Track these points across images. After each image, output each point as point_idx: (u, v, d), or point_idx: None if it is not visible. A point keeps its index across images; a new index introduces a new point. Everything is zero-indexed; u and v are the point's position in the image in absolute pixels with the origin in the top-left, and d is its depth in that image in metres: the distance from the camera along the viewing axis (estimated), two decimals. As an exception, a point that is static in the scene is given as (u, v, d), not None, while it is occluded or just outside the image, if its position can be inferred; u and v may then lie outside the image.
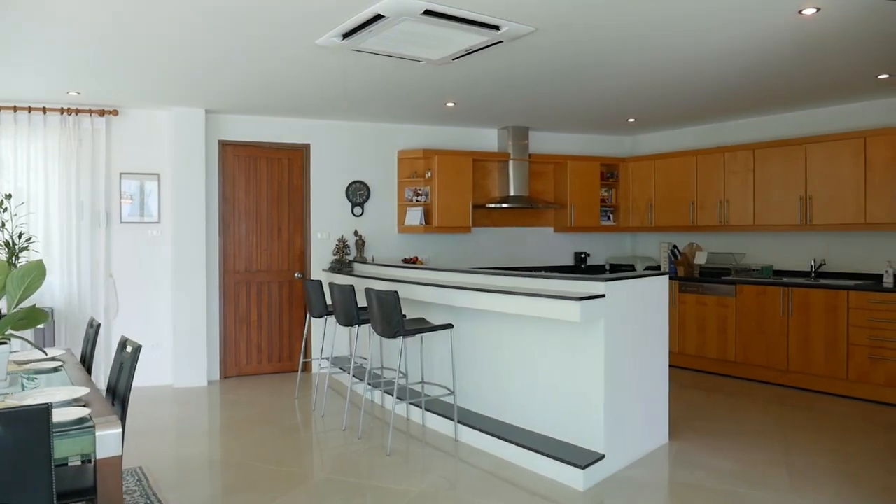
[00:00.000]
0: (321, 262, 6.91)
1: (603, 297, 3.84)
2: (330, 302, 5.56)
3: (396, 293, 4.38)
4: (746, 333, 6.40)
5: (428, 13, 3.43)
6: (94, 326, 3.59)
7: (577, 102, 6.14)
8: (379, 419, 5.16)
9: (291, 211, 6.90)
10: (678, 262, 7.37)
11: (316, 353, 6.74)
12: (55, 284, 5.93)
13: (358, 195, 7.09)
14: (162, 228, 6.38)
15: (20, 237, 5.51)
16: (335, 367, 6.35)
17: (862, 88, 5.58)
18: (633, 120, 7.18)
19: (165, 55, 4.46)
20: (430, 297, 4.87)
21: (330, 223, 6.97)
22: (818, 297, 5.86)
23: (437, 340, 5.18)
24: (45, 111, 5.85)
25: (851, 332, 5.63)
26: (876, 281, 5.88)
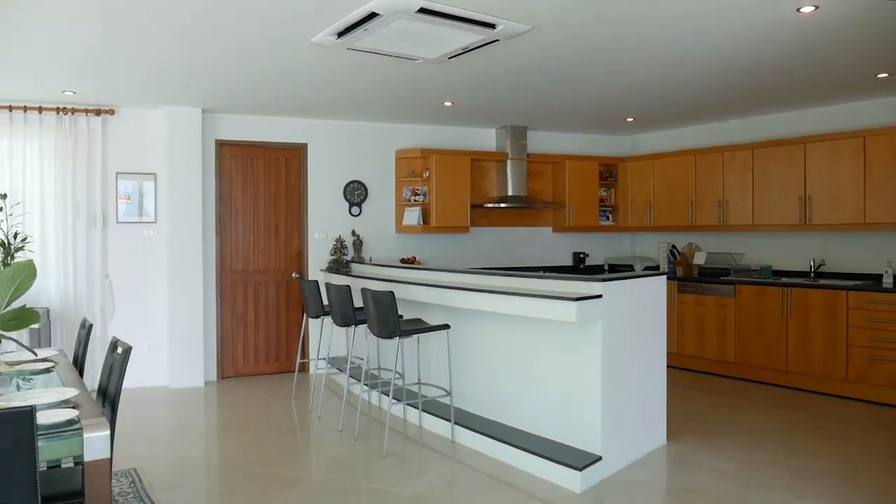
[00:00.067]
0: (319, 262, 6.89)
1: (600, 297, 3.81)
2: (327, 302, 5.53)
3: (392, 293, 4.35)
4: (745, 334, 6.37)
5: (423, 11, 3.41)
6: (86, 327, 3.56)
7: (575, 102, 6.12)
8: (376, 420, 5.13)
9: (289, 211, 6.88)
10: (677, 262, 7.34)
11: (313, 353, 6.71)
12: (51, 285, 5.90)
13: (355, 195, 7.06)
14: (158, 228, 6.35)
15: (16, 237, 5.50)
16: (332, 367, 6.32)
17: (861, 87, 5.55)
18: (631, 119, 7.15)
19: (161, 55, 4.44)
20: (426, 297, 4.84)
21: (327, 223, 6.94)
22: (817, 297, 5.83)
23: (434, 341, 5.15)
24: (40, 111, 5.83)
25: (851, 332, 5.59)
26: (875, 281, 5.85)
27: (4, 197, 5.40)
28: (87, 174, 6.03)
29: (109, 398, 2.74)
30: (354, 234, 6.91)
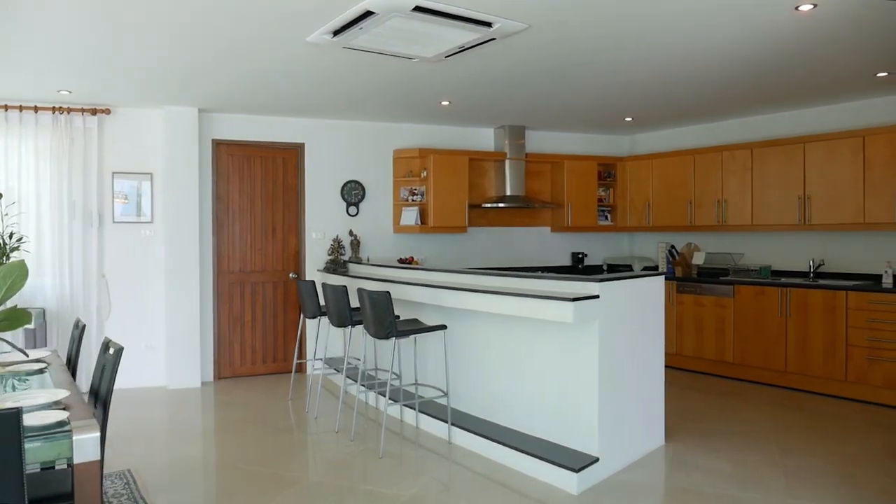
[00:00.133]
0: (316, 262, 6.86)
1: (597, 297, 3.79)
2: (323, 303, 5.51)
3: (388, 294, 4.32)
4: (744, 334, 6.34)
5: (418, 9, 3.38)
6: (79, 327, 3.54)
7: (573, 101, 6.09)
8: (373, 421, 5.11)
9: (286, 211, 6.85)
10: (676, 262, 7.31)
11: (310, 354, 6.69)
12: (47, 285, 5.88)
13: (353, 195, 7.04)
14: (155, 228, 6.32)
15: (11, 237, 5.48)
16: (329, 368, 6.30)
17: (860, 87, 5.53)
18: (630, 119, 7.13)
19: (157, 54, 4.42)
20: (422, 297, 4.82)
21: (325, 223, 6.92)
22: (816, 297, 5.81)
23: (431, 342, 5.12)
24: (36, 110, 5.81)
25: (850, 332, 5.57)
26: (875, 281, 5.83)
27: (0, 196, 5.39)
28: (83, 174, 6.01)
29: (101, 399, 2.72)
30: (352, 234, 6.88)
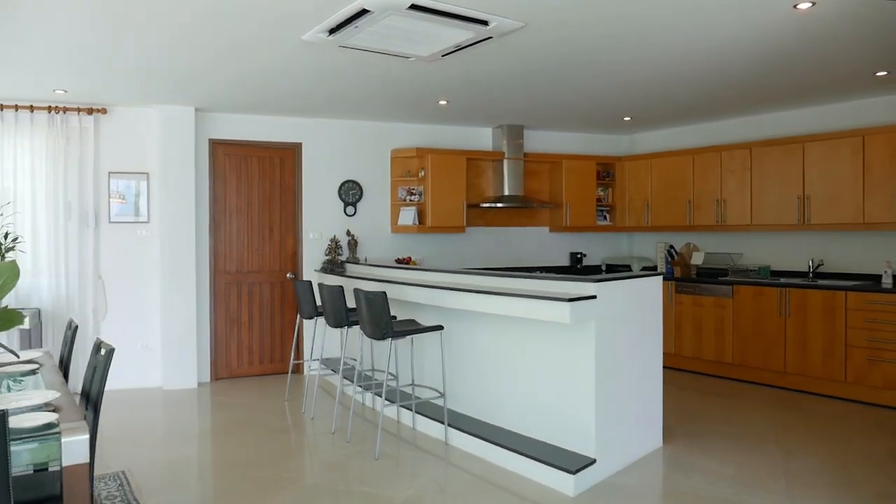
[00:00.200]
0: (313, 262, 6.83)
1: (594, 298, 3.76)
2: (320, 303, 5.48)
3: (384, 294, 4.30)
4: (743, 335, 6.31)
5: (414, 7, 3.36)
6: (72, 328, 3.51)
7: (572, 101, 6.06)
8: (370, 422, 5.08)
9: (283, 210, 6.83)
10: (675, 262, 7.29)
11: (307, 354, 6.66)
12: (42, 285, 5.86)
13: (350, 195, 7.01)
14: (151, 228, 6.29)
15: (6, 237, 5.45)
16: (326, 368, 6.27)
17: (860, 86, 5.50)
18: (629, 118, 7.10)
19: (153, 54, 4.39)
20: (418, 297, 4.79)
21: (322, 223, 6.89)
22: (816, 297, 5.78)
23: (427, 342, 5.10)
24: (31, 109, 5.78)
25: (849, 333, 5.54)
26: (874, 281, 5.80)
27: (-5, 196, 5.37)
28: (78, 174, 5.98)
29: (92, 401, 2.69)
30: (349, 234, 6.85)
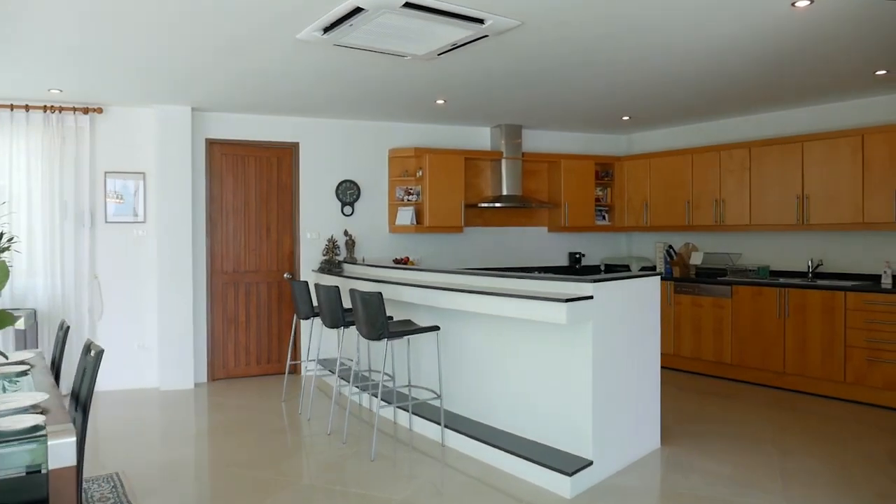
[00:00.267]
0: (311, 262, 6.81)
1: (591, 298, 3.73)
2: (317, 303, 5.46)
3: (380, 294, 4.27)
4: (742, 335, 6.28)
5: (408, 6, 3.33)
6: (63, 329, 3.48)
7: (571, 100, 6.03)
8: (366, 422, 5.06)
9: (280, 210, 6.80)
10: (674, 262, 7.26)
11: (304, 355, 6.63)
12: (38, 285, 5.83)
13: (348, 194, 6.98)
14: (148, 228, 6.27)
15: (1, 237, 5.41)
16: (323, 369, 6.24)
17: (859, 85, 5.47)
18: (627, 118, 7.07)
19: (149, 53, 4.37)
20: (415, 298, 4.77)
21: (319, 223, 6.86)
22: (815, 298, 5.75)
23: (424, 343, 5.07)
24: (27, 109, 5.75)
25: (849, 333, 5.51)
26: (874, 281, 5.77)
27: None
28: (74, 173, 5.95)
29: (81, 402, 2.66)
30: (347, 234, 6.82)
